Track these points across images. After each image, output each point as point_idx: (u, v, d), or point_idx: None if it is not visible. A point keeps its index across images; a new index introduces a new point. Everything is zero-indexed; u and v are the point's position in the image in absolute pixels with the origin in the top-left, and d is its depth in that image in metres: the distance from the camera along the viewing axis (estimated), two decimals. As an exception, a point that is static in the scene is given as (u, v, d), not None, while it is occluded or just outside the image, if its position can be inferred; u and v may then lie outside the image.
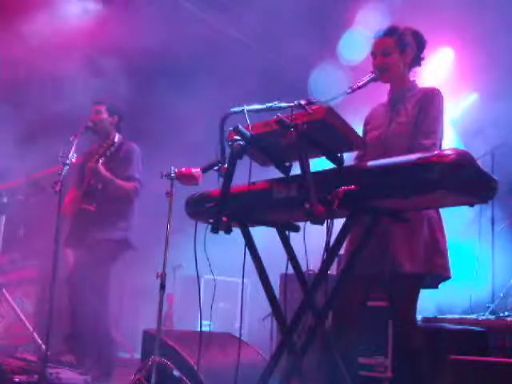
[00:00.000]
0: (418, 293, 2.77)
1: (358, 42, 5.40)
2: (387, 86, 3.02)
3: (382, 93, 3.06)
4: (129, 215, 4.61)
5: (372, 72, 2.87)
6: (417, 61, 2.99)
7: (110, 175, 4.43)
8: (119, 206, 4.54)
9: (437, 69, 6.10)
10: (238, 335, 2.58)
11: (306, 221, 2.30)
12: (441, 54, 6.22)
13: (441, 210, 2.82)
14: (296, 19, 5.61)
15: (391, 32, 2.92)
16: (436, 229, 2.77)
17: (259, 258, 2.58)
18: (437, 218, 2.79)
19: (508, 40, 5.35)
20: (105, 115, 4.70)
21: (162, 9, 5.55)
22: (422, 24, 3.05)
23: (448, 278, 2.77)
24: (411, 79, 2.99)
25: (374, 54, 2.95)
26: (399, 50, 2.90)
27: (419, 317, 4.08)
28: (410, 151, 2.65)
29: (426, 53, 3.01)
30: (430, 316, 4.34)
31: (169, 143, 5.68)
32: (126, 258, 4.67)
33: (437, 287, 2.85)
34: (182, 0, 5.91)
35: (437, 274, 2.75)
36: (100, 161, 4.34)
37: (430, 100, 2.83)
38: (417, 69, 3.03)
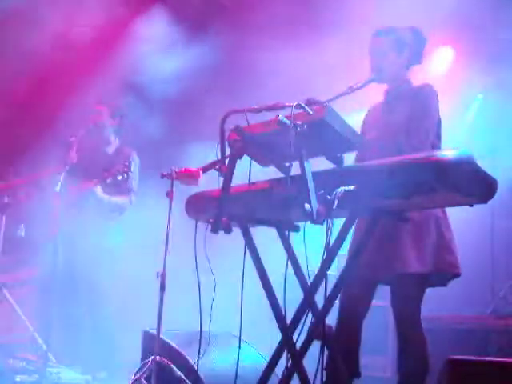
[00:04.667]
0: (424, 292, 2.78)
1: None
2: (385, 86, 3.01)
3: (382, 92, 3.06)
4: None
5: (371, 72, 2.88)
6: (416, 58, 2.97)
7: (106, 197, 4.38)
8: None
9: (437, 68, 6.10)
10: (237, 335, 2.58)
11: (305, 221, 2.30)
12: (441, 53, 6.21)
13: (446, 209, 2.82)
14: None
15: (388, 32, 2.90)
16: (442, 226, 2.76)
17: (259, 258, 2.58)
18: (443, 217, 2.79)
19: (508, 39, 5.35)
20: (106, 117, 4.64)
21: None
22: (423, 23, 3.04)
23: (458, 275, 2.76)
24: (407, 78, 2.96)
25: (370, 53, 2.94)
26: (396, 50, 2.88)
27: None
28: (399, 150, 2.62)
29: (426, 50, 2.98)
30: (430, 315, 4.34)
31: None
32: (125, 257, 4.67)
33: (445, 285, 2.85)
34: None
35: (445, 272, 2.75)
36: (98, 186, 4.28)
37: (421, 97, 2.81)
38: (417, 67, 3.00)
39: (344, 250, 2.78)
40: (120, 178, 4.24)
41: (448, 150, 2.01)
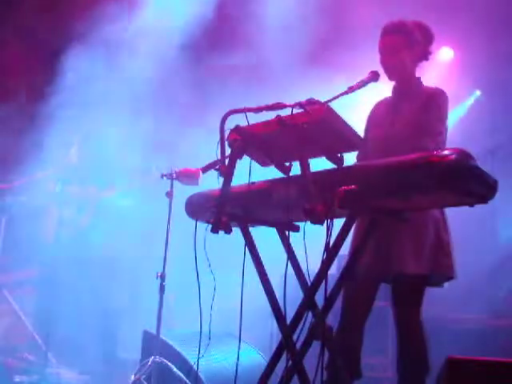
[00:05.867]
0: (423, 293, 2.77)
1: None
2: (388, 83, 2.99)
3: (383, 91, 3.04)
4: None
5: (372, 71, 2.83)
6: (424, 55, 2.95)
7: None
8: None
9: (436, 69, 6.10)
10: (237, 335, 2.58)
11: (305, 221, 2.30)
12: (441, 54, 6.21)
13: (445, 210, 2.81)
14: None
15: (399, 29, 2.86)
16: (441, 229, 2.76)
17: (259, 258, 2.58)
18: (441, 218, 2.79)
19: (508, 39, 5.35)
20: None
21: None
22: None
23: (452, 277, 2.77)
24: (417, 76, 2.94)
25: (381, 52, 2.91)
26: (407, 48, 2.86)
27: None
28: (414, 152, 2.62)
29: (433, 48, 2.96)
30: (430, 315, 4.33)
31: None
32: (125, 257, 4.67)
33: (441, 286, 2.85)
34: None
35: (441, 274, 2.75)
36: None
37: (435, 101, 2.80)
38: (423, 63, 2.98)
39: (344, 251, 2.79)
40: None
41: (448, 150, 2.00)
